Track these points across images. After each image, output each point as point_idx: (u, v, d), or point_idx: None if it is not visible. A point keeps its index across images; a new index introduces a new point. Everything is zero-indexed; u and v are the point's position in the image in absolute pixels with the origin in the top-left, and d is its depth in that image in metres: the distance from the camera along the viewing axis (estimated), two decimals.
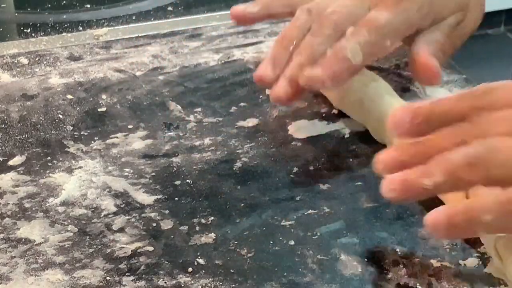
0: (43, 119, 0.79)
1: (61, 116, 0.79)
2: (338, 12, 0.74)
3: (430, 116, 0.58)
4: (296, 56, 0.73)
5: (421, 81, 0.77)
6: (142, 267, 0.61)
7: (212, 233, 0.64)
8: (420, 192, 0.56)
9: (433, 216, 0.55)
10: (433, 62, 0.74)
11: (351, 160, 0.72)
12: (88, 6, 1.02)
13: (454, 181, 0.55)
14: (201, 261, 0.62)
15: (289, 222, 0.65)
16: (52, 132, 0.77)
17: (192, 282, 0.60)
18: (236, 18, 0.82)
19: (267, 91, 0.82)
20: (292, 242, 0.63)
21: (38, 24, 0.97)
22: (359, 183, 0.69)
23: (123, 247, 0.63)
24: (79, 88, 0.83)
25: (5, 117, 0.79)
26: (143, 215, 0.66)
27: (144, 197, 0.68)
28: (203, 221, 0.66)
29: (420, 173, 0.56)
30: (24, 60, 0.88)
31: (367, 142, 0.74)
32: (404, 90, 0.81)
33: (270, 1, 0.81)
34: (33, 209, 0.67)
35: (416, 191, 0.56)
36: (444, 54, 0.77)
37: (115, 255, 0.62)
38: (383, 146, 0.73)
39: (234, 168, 0.72)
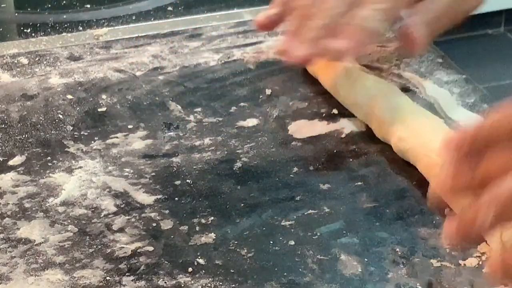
0: (43, 119, 0.79)
1: (61, 116, 0.79)
2: None
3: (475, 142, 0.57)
4: (315, 19, 0.72)
5: (404, 52, 0.78)
6: (142, 267, 0.61)
7: (212, 233, 0.64)
8: (478, 234, 0.56)
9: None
10: (417, 33, 0.75)
11: (351, 160, 0.72)
12: (88, 6, 1.02)
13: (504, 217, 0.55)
14: (201, 261, 0.62)
15: (289, 222, 0.65)
16: (52, 132, 0.77)
17: (192, 282, 0.60)
18: (263, 26, 0.80)
19: (267, 91, 0.82)
20: (292, 242, 0.63)
21: (38, 24, 0.97)
22: (359, 183, 0.69)
23: (123, 247, 0.63)
24: (79, 88, 0.83)
25: (5, 117, 0.79)
26: (143, 215, 0.66)
27: (144, 197, 0.68)
28: (203, 221, 0.66)
29: (474, 219, 0.55)
30: (24, 60, 0.88)
31: (367, 142, 0.74)
32: (404, 90, 0.81)
33: None
34: (33, 209, 0.67)
35: (473, 235, 0.56)
36: (438, 28, 0.77)
37: (115, 255, 0.62)
38: (383, 146, 0.73)
39: (234, 168, 0.72)
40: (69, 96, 0.82)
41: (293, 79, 0.85)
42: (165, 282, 0.60)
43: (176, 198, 0.68)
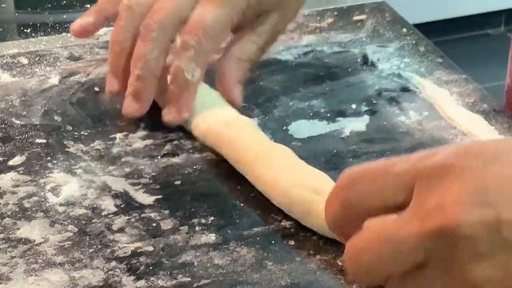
0: (43, 119, 0.79)
1: (61, 116, 0.79)
2: (161, 9, 0.72)
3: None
4: (133, 68, 0.73)
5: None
6: (142, 267, 0.61)
7: (212, 233, 0.64)
8: None
9: None
10: (235, 93, 0.75)
11: (351, 160, 0.72)
12: (88, 6, 1.02)
13: None
14: (201, 261, 0.62)
15: (289, 222, 0.65)
16: (52, 132, 0.77)
17: (192, 282, 0.60)
18: (78, 34, 0.81)
19: (267, 91, 0.82)
20: (292, 242, 0.63)
21: (38, 24, 0.97)
22: None
23: (123, 247, 0.63)
24: (79, 88, 0.83)
25: (5, 117, 0.79)
26: (143, 215, 0.66)
27: (144, 197, 0.68)
28: (203, 221, 0.66)
29: None
30: (24, 60, 0.88)
31: (367, 142, 0.74)
32: (404, 90, 0.81)
33: (100, 5, 0.80)
34: (33, 209, 0.67)
35: None
36: (253, 65, 0.78)
37: (115, 255, 0.62)
38: (384, 146, 0.73)
39: (234, 168, 0.72)
40: (69, 96, 0.82)
41: (293, 79, 0.84)
42: (165, 282, 0.60)
43: (176, 198, 0.68)
